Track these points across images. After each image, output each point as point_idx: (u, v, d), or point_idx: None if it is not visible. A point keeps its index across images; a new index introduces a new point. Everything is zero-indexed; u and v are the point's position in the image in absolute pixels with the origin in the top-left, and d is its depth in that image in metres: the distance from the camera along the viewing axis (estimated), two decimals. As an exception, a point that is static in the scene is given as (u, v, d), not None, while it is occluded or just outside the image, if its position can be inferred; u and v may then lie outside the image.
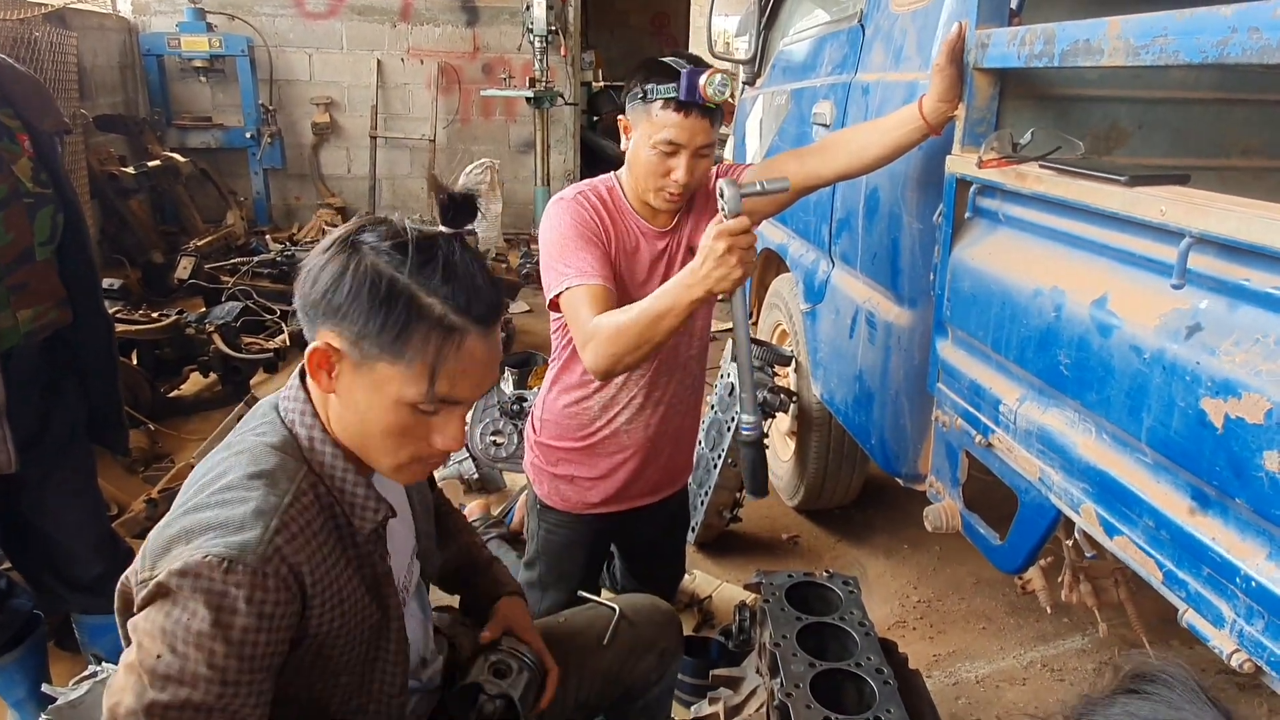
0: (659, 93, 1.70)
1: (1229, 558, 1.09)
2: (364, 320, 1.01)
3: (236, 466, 1.06)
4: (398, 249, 1.03)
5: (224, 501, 1.02)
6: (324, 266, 1.04)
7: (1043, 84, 1.75)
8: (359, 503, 1.12)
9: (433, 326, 1.02)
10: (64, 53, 4.89)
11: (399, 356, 1.02)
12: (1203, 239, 1.11)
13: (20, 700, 2.03)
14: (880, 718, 1.51)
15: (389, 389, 1.04)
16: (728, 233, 1.45)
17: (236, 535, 0.98)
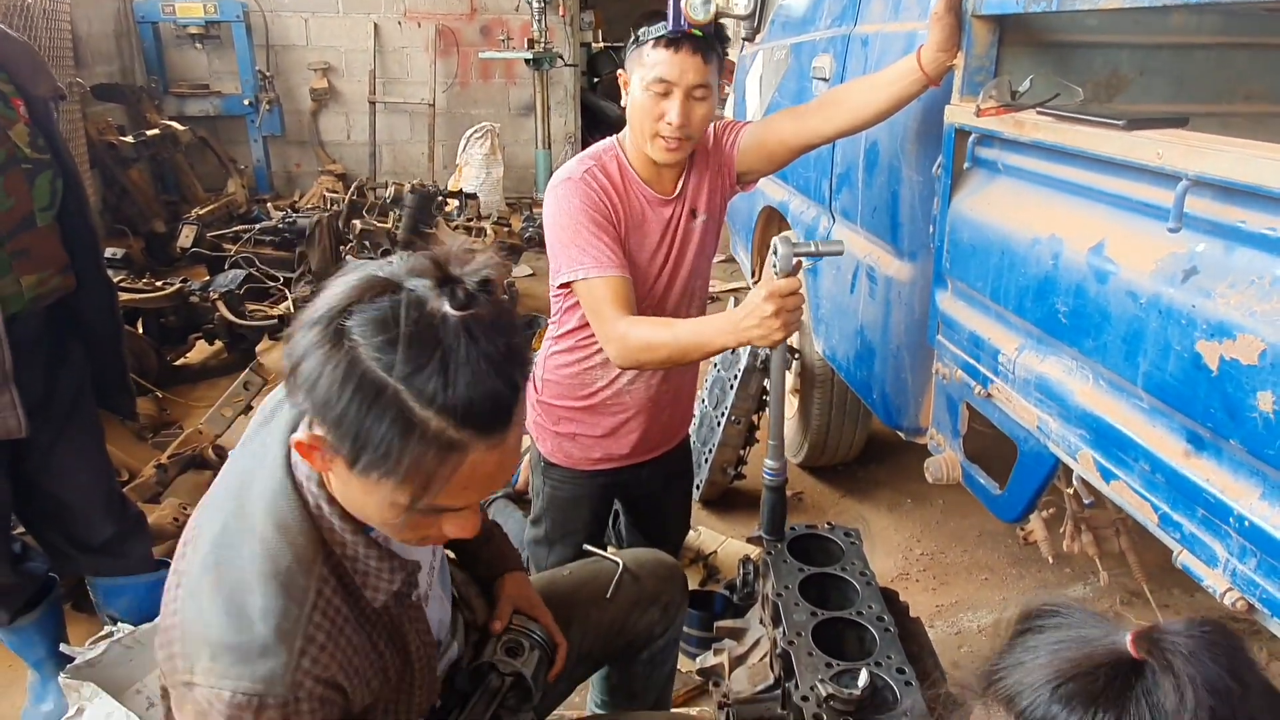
0: (649, 34, 1.71)
1: (1223, 498, 1.10)
2: (350, 430, 0.86)
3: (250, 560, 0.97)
4: (388, 346, 0.84)
5: (241, 611, 0.95)
6: (307, 352, 0.87)
7: (1042, 30, 1.73)
8: (371, 572, 1.04)
9: (428, 445, 0.86)
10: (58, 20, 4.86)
11: (390, 473, 0.88)
12: (1199, 181, 1.11)
13: (40, 660, 2.07)
14: (881, 663, 1.54)
15: (382, 493, 0.91)
16: (777, 294, 1.49)
17: (261, 664, 0.93)
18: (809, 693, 1.47)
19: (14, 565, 1.99)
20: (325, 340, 0.86)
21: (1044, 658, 0.65)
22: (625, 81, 1.81)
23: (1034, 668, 0.65)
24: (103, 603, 2.17)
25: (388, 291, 0.87)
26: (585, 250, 1.72)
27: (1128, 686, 0.61)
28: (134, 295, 3.82)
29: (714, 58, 1.74)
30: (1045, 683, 0.64)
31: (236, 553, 0.98)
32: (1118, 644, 0.63)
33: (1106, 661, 0.63)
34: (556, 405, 1.99)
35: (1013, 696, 0.65)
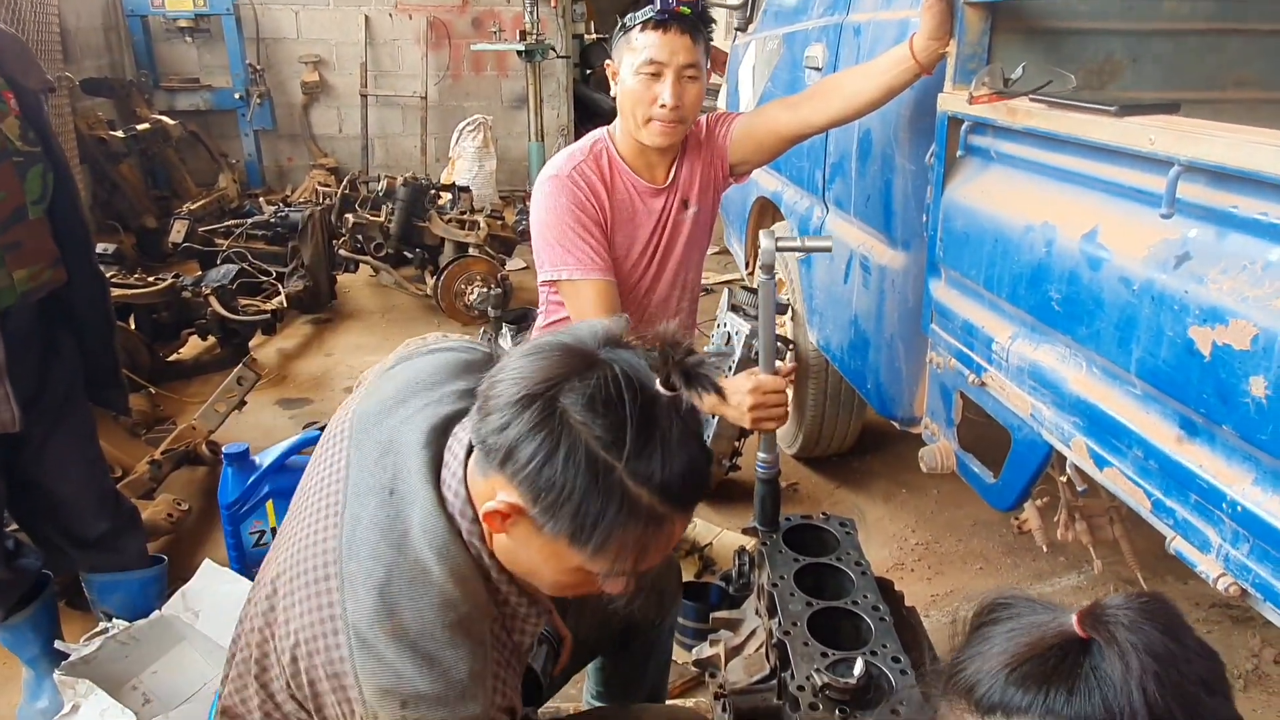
0: (637, 18, 1.73)
1: (1216, 484, 1.11)
2: (567, 506, 0.89)
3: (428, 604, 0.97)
4: (615, 428, 0.87)
5: (433, 660, 0.95)
6: (524, 429, 0.89)
7: (1035, 17, 1.73)
8: (520, 617, 1.08)
9: (639, 520, 0.90)
10: (46, 14, 4.82)
11: (590, 544, 0.91)
12: (1191, 167, 1.11)
13: (34, 657, 2.06)
14: (876, 652, 1.54)
15: (570, 559, 0.94)
16: (760, 389, 1.54)
17: (462, 707, 0.94)
18: (805, 682, 1.47)
19: (7, 562, 1.98)
20: (544, 419, 0.88)
21: (998, 646, 0.67)
22: (614, 72, 1.80)
23: (989, 656, 0.67)
24: (97, 599, 2.16)
25: (593, 366, 0.90)
26: (570, 251, 1.73)
27: (1077, 664, 0.64)
28: (126, 291, 3.79)
29: (701, 38, 1.74)
30: (1000, 669, 0.66)
31: (415, 604, 0.97)
32: (1065, 625, 0.66)
33: (1056, 642, 0.65)
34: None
35: (971, 686, 0.67)
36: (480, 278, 4.81)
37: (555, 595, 1.08)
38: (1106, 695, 0.62)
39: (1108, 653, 0.63)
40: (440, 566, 0.99)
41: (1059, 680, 0.63)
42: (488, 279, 4.80)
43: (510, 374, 0.92)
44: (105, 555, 2.09)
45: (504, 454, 0.90)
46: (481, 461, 0.96)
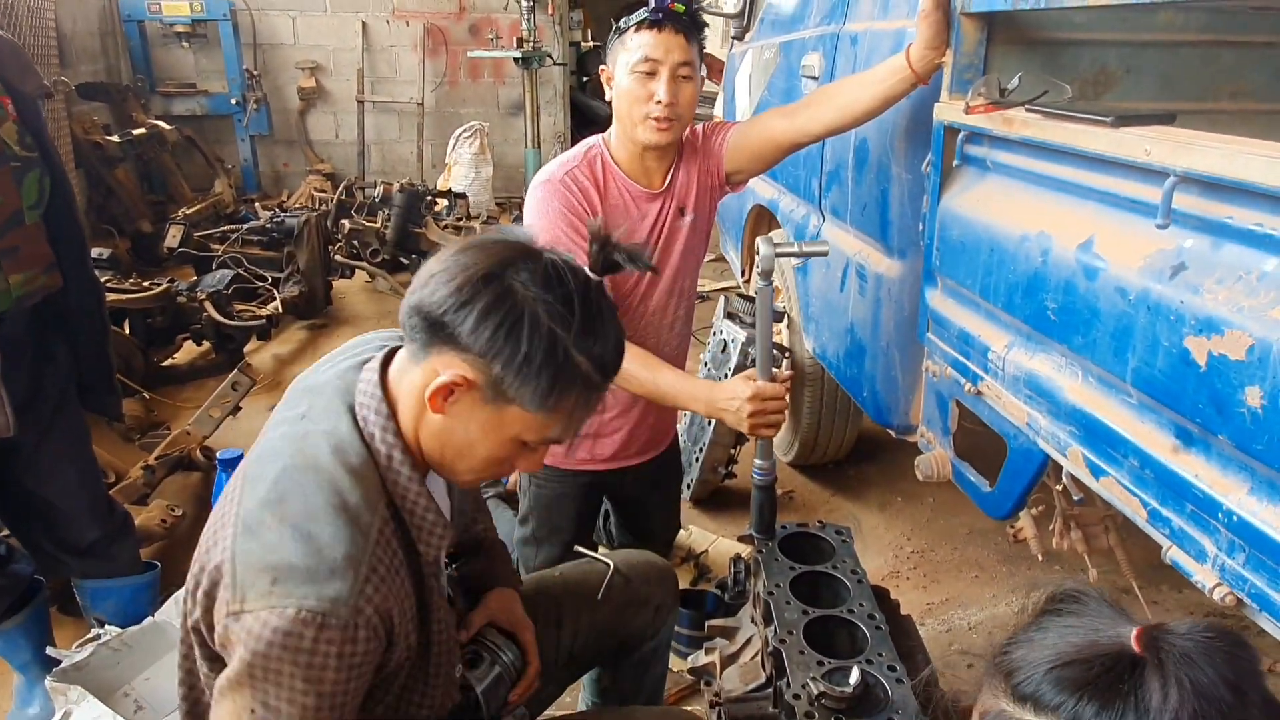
0: (631, 20, 1.74)
1: (1211, 494, 1.11)
2: (526, 376, 1.00)
3: (317, 494, 1.02)
4: (564, 303, 1.00)
5: (310, 536, 0.99)
6: (482, 308, 0.99)
7: (1030, 28, 1.74)
8: (426, 527, 1.10)
9: (580, 387, 1.04)
10: (42, 18, 4.82)
11: (539, 408, 1.03)
12: (1187, 177, 1.11)
13: (25, 663, 2.05)
14: (872, 660, 1.54)
15: (510, 428, 1.06)
16: (759, 396, 1.56)
17: (328, 585, 0.97)
18: (800, 691, 1.47)
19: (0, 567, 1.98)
20: (498, 292, 0.99)
21: (1051, 639, 0.67)
22: (608, 77, 1.81)
23: (1039, 646, 0.67)
24: (89, 605, 2.15)
25: (534, 257, 1.03)
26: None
27: (1119, 680, 0.62)
28: (121, 296, 3.79)
29: (695, 40, 1.75)
30: (1044, 662, 0.65)
31: (302, 489, 1.02)
32: (1123, 638, 0.64)
33: (1108, 653, 0.64)
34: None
35: (1012, 670, 0.67)
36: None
37: (473, 480, 1.16)
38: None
39: (1152, 677, 0.61)
40: (334, 459, 1.04)
41: (1095, 692, 0.62)
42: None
43: (454, 264, 1.02)
44: (98, 562, 2.08)
45: (459, 330, 1.00)
46: (422, 346, 1.04)
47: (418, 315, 1.03)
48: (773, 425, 1.60)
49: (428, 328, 1.03)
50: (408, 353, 1.08)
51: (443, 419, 1.06)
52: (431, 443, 1.09)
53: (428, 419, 1.07)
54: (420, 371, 1.05)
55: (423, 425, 1.09)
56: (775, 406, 1.58)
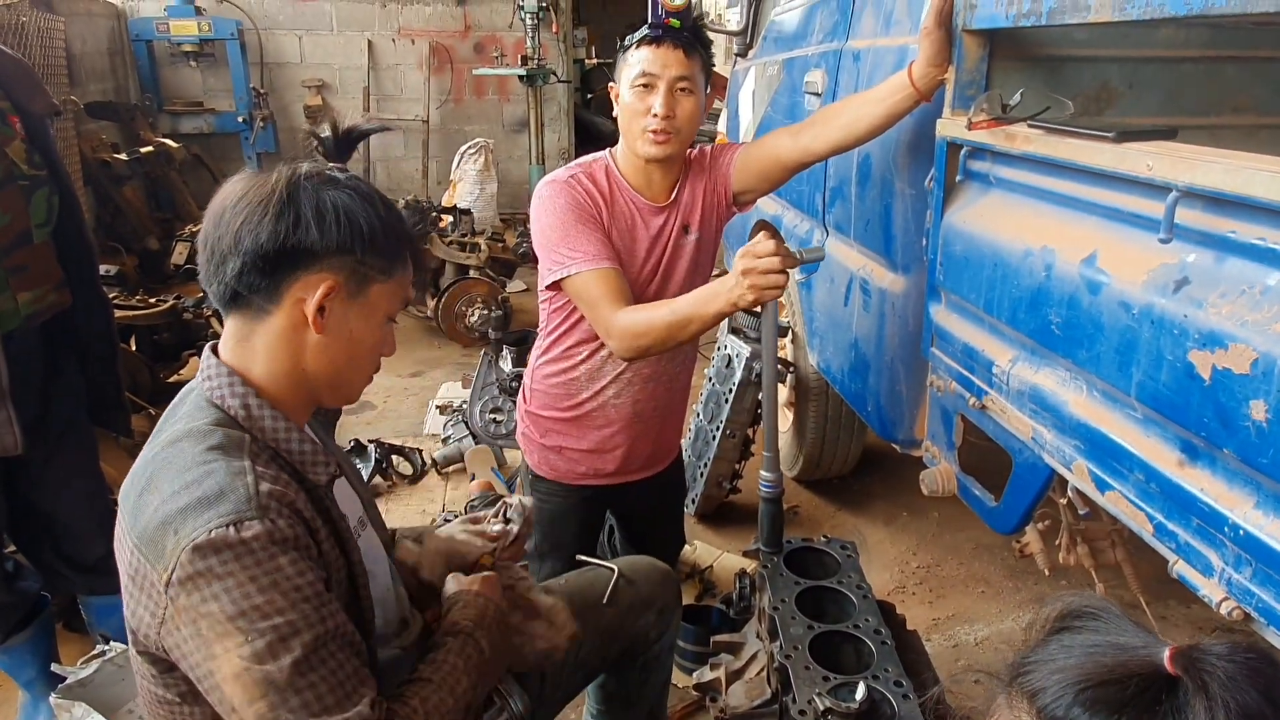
0: (633, 38, 1.78)
1: (1217, 507, 1.11)
2: (369, 248, 1.11)
3: (180, 454, 1.05)
4: (350, 184, 1.13)
5: (189, 484, 1.01)
6: (314, 213, 1.08)
7: (1032, 44, 1.75)
8: (309, 458, 1.14)
9: (406, 240, 1.18)
10: (52, 39, 4.87)
11: (393, 274, 1.15)
12: (1189, 192, 1.12)
13: (31, 680, 2.05)
14: (878, 676, 1.53)
15: (380, 308, 1.16)
16: (749, 253, 1.52)
17: (225, 503, 0.99)
18: (806, 706, 1.46)
19: (6, 584, 1.98)
20: (319, 196, 1.09)
21: (1076, 659, 0.65)
22: (615, 93, 1.83)
23: (1065, 667, 0.65)
24: (95, 622, 2.15)
25: (299, 167, 1.13)
26: (574, 247, 1.73)
27: (1156, 701, 0.60)
28: (127, 312, 3.81)
29: (696, 54, 1.77)
30: (1073, 683, 0.63)
31: (167, 462, 1.05)
32: (1155, 657, 0.62)
33: (1140, 673, 0.62)
34: (543, 416, 1.99)
35: (1037, 692, 0.65)
36: (481, 299, 4.83)
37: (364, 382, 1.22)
38: None
39: (1195, 700, 0.59)
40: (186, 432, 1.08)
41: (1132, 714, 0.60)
42: (488, 301, 4.82)
43: (245, 212, 1.08)
44: (104, 578, 2.08)
45: (308, 241, 1.07)
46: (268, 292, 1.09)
47: (254, 266, 1.07)
48: (774, 285, 1.52)
49: (271, 267, 1.07)
50: (244, 319, 1.12)
51: (322, 338, 1.12)
52: (322, 362, 1.14)
53: (310, 347, 1.12)
54: (278, 315, 1.10)
55: (307, 357, 1.13)
56: (766, 264, 1.50)
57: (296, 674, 0.96)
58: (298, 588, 0.99)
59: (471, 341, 4.80)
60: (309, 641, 0.98)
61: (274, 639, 0.96)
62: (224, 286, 1.09)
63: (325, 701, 0.98)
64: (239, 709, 0.98)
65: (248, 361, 1.13)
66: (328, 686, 0.98)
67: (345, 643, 1.03)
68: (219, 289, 1.10)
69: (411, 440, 3.68)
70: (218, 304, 1.13)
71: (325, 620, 1.00)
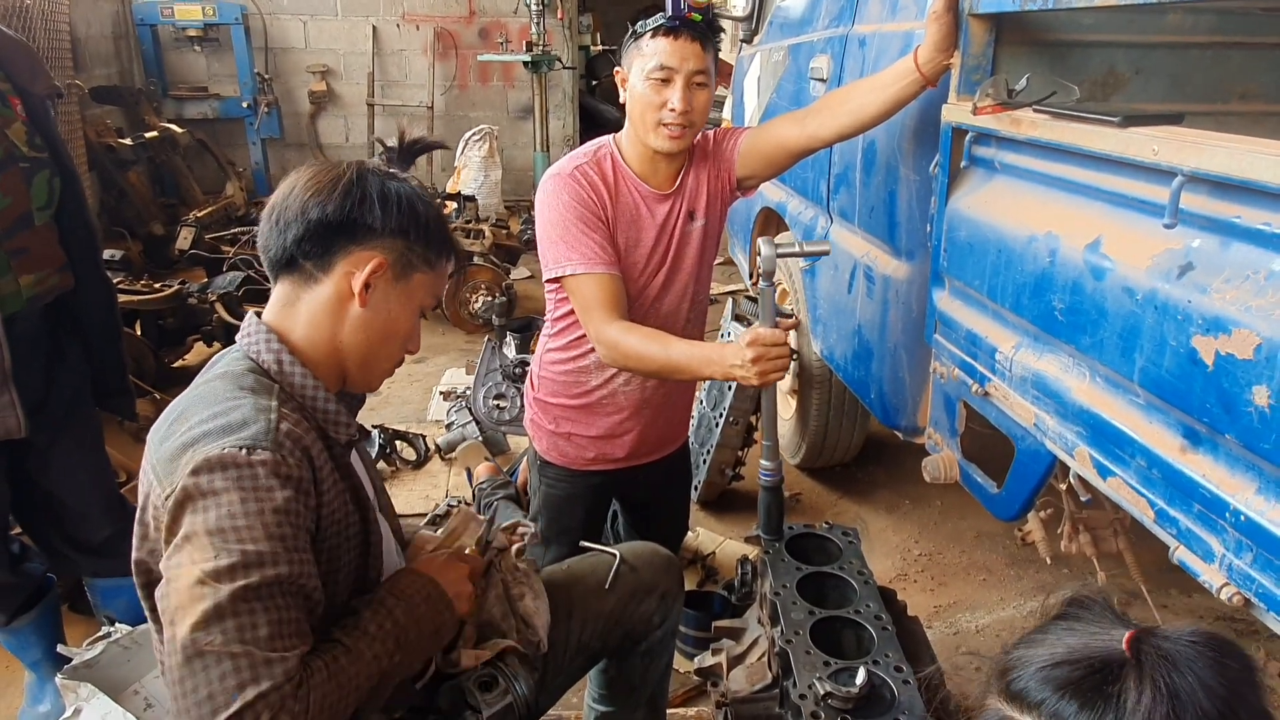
0: (648, 26, 1.74)
1: (1219, 493, 1.11)
2: (423, 237, 1.20)
3: (213, 392, 1.12)
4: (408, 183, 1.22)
5: (217, 414, 1.07)
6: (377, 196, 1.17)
7: (1039, 29, 1.74)
8: (333, 417, 1.19)
9: (450, 238, 1.27)
10: (56, 22, 4.85)
11: (435, 266, 1.24)
12: (1194, 177, 1.11)
13: (37, 661, 2.07)
14: (879, 662, 1.53)
15: (417, 296, 1.23)
16: (759, 341, 1.54)
17: (246, 431, 1.05)
18: (807, 691, 1.47)
19: (12, 566, 1.99)
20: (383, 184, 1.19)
21: (1049, 640, 0.68)
22: (623, 79, 1.81)
23: (1038, 647, 0.68)
24: (100, 603, 2.16)
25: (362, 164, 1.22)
26: (573, 247, 1.74)
27: (1105, 681, 0.63)
28: (132, 297, 3.81)
29: (711, 48, 1.75)
30: (1038, 662, 0.66)
31: (199, 400, 1.12)
32: (1115, 640, 0.65)
33: (1098, 655, 0.64)
34: (552, 403, 1.99)
35: (1007, 669, 0.69)
36: (485, 286, 4.83)
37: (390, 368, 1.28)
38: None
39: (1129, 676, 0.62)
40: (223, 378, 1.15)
41: (1077, 692, 0.63)
42: (492, 288, 4.82)
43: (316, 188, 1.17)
44: (109, 560, 2.09)
45: (369, 219, 1.16)
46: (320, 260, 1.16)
47: (314, 234, 1.15)
48: (779, 369, 1.58)
49: (329, 237, 1.15)
50: (292, 285, 1.19)
51: (365, 312, 1.19)
52: (359, 338, 1.20)
53: (350, 319, 1.19)
54: (327, 285, 1.17)
55: (345, 330, 1.19)
56: (778, 352, 1.56)
57: (241, 599, 0.99)
58: (279, 523, 1.02)
59: (475, 328, 4.81)
60: (269, 577, 1.00)
61: (237, 562, 0.99)
62: (282, 250, 1.16)
63: (257, 634, 0.99)
64: (177, 616, 1.00)
65: (289, 325, 1.19)
66: (265, 621, 1.00)
67: (300, 594, 1.05)
68: (277, 253, 1.17)
69: (415, 426, 3.68)
70: (270, 269, 1.20)
71: (291, 564, 1.03)
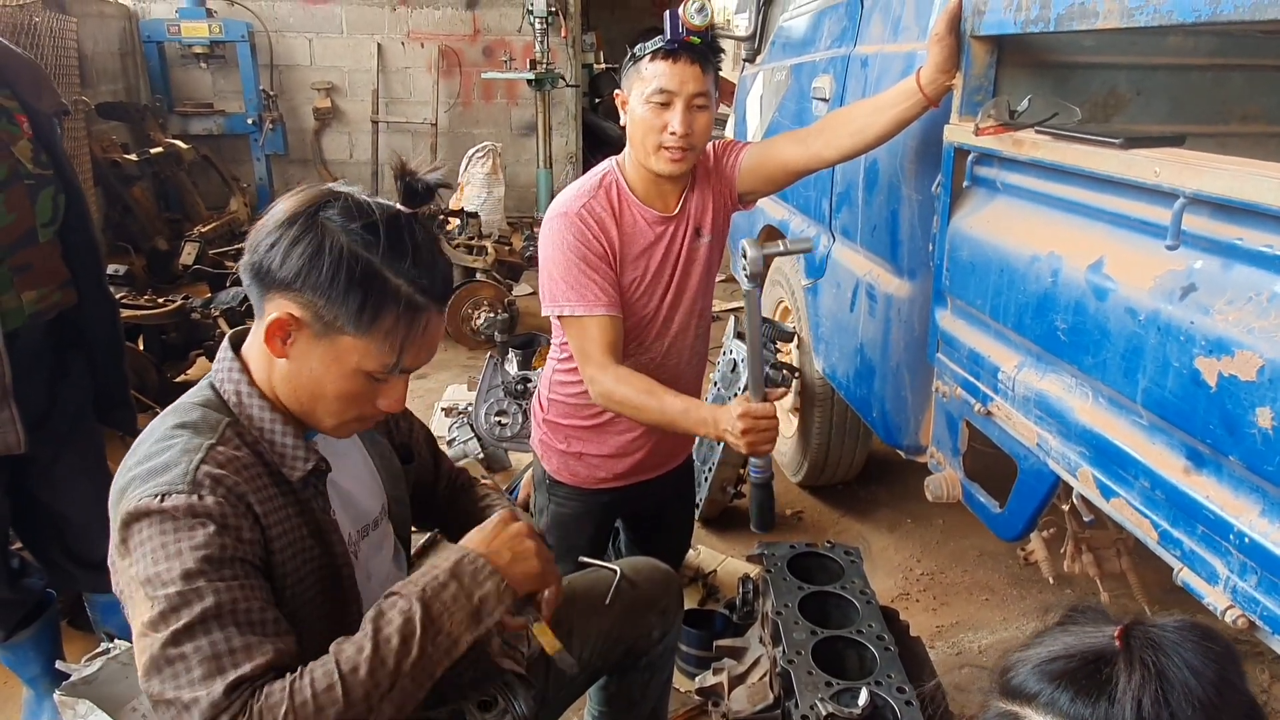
0: (647, 48, 1.74)
1: (1223, 515, 1.10)
2: (336, 298, 1.06)
3: (160, 424, 1.13)
4: (369, 230, 1.07)
5: (150, 455, 1.08)
6: (289, 241, 1.07)
7: (1040, 51, 1.75)
8: (288, 452, 1.16)
9: (401, 307, 1.09)
10: (64, 39, 4.88)
11: (365, 333, 1.09)
12: (1196, 199, 1.12)
13: (35, 677, 2.06)
14: (881, 683, 1.53)
15: (349, 359, 1.11)
16: (750, 415, 1.60)
17: (165, 475, 1.05)
18: (809, 712, 1.46)
19: (11, 581, 1.99)
20: (309, 229, 1.07)
21: (1047, 640, 0.71)
22: (623, 101, 1.82)
23: (1035, 649, 0.70)
24: (100, 619, 2.15)
25: (342, 196, 1.10)
26: (573, 288, 1.76)
27: (1097, 671, 0.65)
28: (135, 312, 3.82)
29: (711, 69, 1.76)
30: (1036, 659, 0.69)
31: (149, 431, 1.13)
32: (1107, 635, 0.68)
33: (1092, 648, 0.67)
34: (564, 425, 1.99)
35: (1008, 668, 0.71)
36: (487, 303, 4.83)
37: (339, 426, 1.18)
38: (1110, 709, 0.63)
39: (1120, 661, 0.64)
40: (180, 405, 1.16)
41: (1072, 682, 0.65)
42: (495, 304, 4.83)
43: (269, 217, 1.10)
44: (109, 576, 2.09)
45: (273, 267, 1.07)
46: (258, 301, 1.12)
47: (248, 271, 1.11)
48: (767, 441, 1.65)
49: (255, 278, 1.10)
50: (255, 288, 1.14)
51: (287, 363, 1.12)
52: (285, 389, 1.15)
53: (276, 367, 1.14)
54: (260, 325, 1.12)
55: (274, 376, 1.15)
56: (767, 425, 1.62)
57: (172, 644, 0.99)
58: (199, 559, 1.01)
59: (477, 344, 4.81)
60: (196, 615, 0.99)
61: (166, 609, 0.99)
62: (240, 270, 1.14)
63: (191, 675, 0.99)
64: (140, 673, 1.02)
65: (250, 354, 1.19)
66: (198, 661, 0.99)
67: (240, 616, 1.02)
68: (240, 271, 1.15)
69: (416, 442, 3.68)
70: None
71: (219, 594, 1.01)
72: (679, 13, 1.69)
